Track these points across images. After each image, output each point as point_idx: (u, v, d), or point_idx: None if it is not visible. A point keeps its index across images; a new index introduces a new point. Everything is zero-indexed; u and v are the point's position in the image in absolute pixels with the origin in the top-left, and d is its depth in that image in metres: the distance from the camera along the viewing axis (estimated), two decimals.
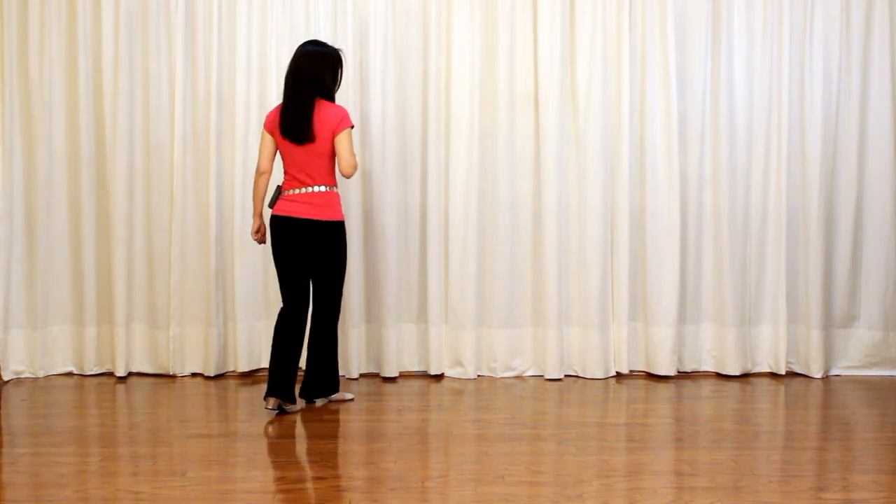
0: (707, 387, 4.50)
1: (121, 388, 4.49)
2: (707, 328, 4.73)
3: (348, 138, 3.83)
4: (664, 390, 4.43)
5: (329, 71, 3.91)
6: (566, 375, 4.69)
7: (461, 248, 4.64)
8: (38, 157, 4.62)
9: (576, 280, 4.69)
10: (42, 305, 4.67)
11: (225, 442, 3.49)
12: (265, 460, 3.28)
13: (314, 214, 3.86)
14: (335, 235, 3.92)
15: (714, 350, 4.73)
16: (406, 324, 4.71)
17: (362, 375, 4.67)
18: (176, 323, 4.64)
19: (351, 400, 4.16)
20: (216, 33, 4.59)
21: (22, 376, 4.67)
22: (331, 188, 3.91)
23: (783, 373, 4.68)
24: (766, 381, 4.63)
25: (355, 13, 4.60)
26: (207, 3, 4.61)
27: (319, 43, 3.96)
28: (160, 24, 4.63)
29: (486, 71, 4.66)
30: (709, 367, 4.75)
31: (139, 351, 4.72)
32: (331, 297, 3.98)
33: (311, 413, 3.95)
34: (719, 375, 4.72)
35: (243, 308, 4.64)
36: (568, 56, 4.63)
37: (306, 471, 3.18)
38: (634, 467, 3.16)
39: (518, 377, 4.70)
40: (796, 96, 4.65)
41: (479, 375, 4.70)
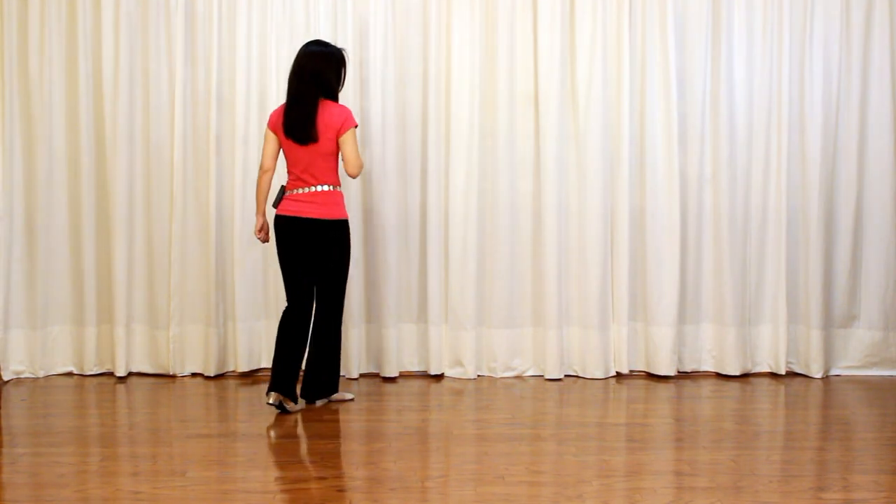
0: (707, 387, 4.50)
1: (121, 388, 4.49)
2: (707, 328, 4.73)
3: (353, 138, 3.83)
4: (664, 390, 4.43)
5: (333, 71, 3.91)
6: (566, 375, 4.69)
7: (461, 248, 4.64)
8: (38, 157, 4.62)
9: (576, 280, 4.69)
10: (42, 305, 4.67)
11: (225, 442, 3.49)
12: (265, 460, 3.28)
13: (319, 213, 3.86)
14: (340, 234, 3.92)
15: (714, 350, 4.73)
16: (406, 324, 4.71)
17: (362, 375, 4.67)
18: (176, 323, 4.64)
19: (351, 400, 4.16)
20: (216, 33, 4.59)
21: (22, 376, 4.67)
22: (335, 187, 3.91)
23: (783, 373, 4.68)
24: (766, 381, 4.63)
25: (355, 13, 4.60)
26: (207, 3, 4.61)
27: (323, 43, 3.96)
28: (160, 24, 4.63)
29: (486, 71, 4.66)
30: (709, 367, 4.75)
31: (139, 351, 4.72)
32: (335, 297, 3.97)
33: (312, 413, 3.95)
34: (719, 375, 4.71)
35: (243, 308, 4.64)
36: (568, 56, 4.63)
37: (306, 471, 3.17)
38: (634, 467, 3.16)
39: (518, 377, 4.70)
40: (796, 96, 4.65)
41: (479, 375, 4.70)
